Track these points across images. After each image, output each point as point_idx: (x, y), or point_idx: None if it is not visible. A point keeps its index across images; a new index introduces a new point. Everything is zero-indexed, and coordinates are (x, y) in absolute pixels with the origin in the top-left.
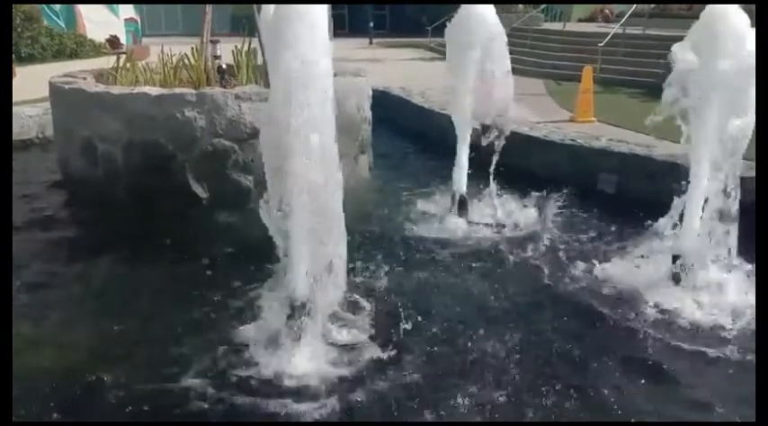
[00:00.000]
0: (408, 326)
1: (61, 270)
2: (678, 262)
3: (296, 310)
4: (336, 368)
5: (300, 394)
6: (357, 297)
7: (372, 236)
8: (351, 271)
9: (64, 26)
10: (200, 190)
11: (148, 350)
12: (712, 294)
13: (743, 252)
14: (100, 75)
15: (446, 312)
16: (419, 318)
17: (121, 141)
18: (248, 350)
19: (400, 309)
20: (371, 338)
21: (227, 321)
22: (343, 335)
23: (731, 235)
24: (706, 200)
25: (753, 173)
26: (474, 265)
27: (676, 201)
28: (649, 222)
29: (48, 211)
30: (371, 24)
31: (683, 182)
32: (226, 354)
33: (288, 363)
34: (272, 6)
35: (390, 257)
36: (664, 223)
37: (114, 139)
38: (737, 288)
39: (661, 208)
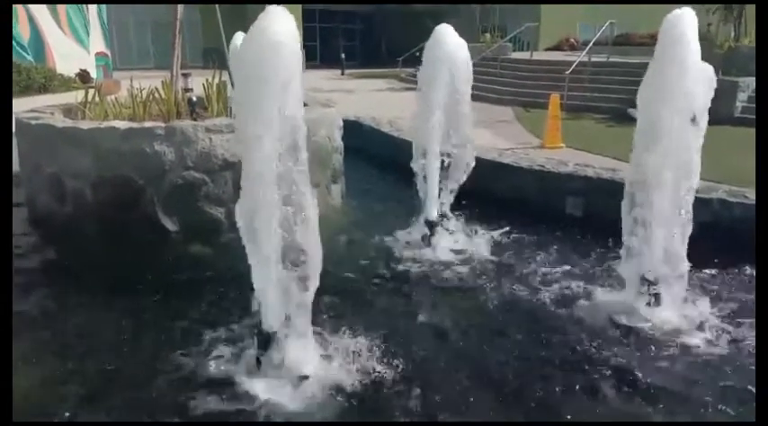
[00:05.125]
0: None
1: (30, 308)
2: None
3: (266, 341)
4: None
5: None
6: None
7: (340, 264)
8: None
9: (33, 60)
10: (169, 224)
11: (115, 385)
12: None
13: None
14: (68, 111)
15: (402, 340)
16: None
17: (90, 176)
18: (218, 383)
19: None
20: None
21: (201, 354)
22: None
23: None
24: None
25: (715, 195)
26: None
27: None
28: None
29: (15, 249)
30: (343, 56)
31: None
32: (196, 388)
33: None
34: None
35: (354, 285)
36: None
37: (83, 175)
38: None
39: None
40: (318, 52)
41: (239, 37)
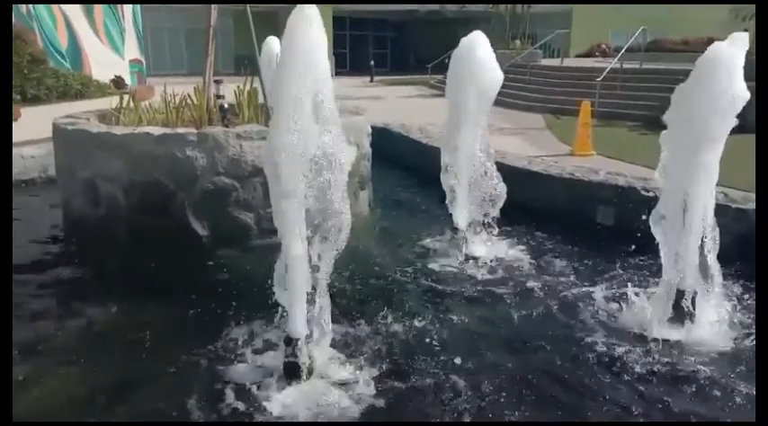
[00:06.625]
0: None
1: (62, 309)
2: None
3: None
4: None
5: None
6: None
7: (366, 271)
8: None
9: (70, 67)
10: (199, 228)
11: (145, 389)
12: None
13: None
14: (103, 116)
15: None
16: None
17: (123, 181)
18: (245, 389)
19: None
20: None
21: (228, 359)
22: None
23: None
24: None
25: (751, 205)
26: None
27: None
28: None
29: (49, 250)
30: (372, 63)
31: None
32: (223, 393)
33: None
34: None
35: (379, 291)
36: None
37: (116, 179)
38: None
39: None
40: (348, 59)
41: (271, 42)
